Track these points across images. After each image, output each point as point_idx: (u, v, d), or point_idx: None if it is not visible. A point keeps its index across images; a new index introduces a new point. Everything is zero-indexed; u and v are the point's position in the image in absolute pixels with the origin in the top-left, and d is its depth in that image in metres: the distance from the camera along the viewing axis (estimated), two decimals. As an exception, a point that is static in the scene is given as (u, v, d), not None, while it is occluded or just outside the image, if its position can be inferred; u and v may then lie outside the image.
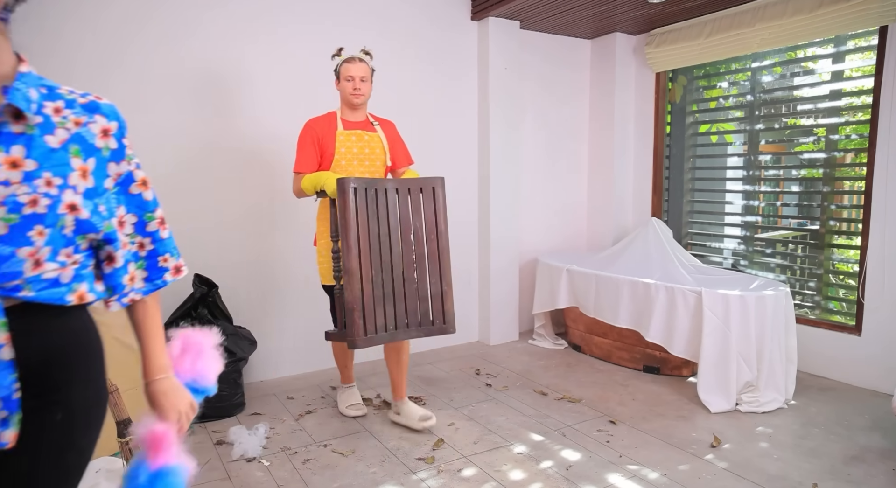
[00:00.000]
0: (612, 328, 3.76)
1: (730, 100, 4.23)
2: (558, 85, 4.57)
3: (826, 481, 2.35)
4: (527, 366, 3.78)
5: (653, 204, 4.58)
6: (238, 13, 3.28)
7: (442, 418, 2.97)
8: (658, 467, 2.46)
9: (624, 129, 4.62)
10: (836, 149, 3.60)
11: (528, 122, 4.44)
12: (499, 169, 4.16)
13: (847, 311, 3.57)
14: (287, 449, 2.64)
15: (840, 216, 3.64)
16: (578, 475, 2.40)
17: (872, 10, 3.10)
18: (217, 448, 2.66)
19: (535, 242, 4.59)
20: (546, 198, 4.63)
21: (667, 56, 4.22)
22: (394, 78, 3.81)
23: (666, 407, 3.09)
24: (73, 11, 2.88)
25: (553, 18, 4.08)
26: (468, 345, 4.27)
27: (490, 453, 2.60)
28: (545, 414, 3.02)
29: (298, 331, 3.60)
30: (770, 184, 4.01)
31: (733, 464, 2.48)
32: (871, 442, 2.68)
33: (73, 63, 2.89)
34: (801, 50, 3.76)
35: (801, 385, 3.31)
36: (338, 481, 2.37)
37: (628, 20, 4.15)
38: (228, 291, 3.26)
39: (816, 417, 2.96)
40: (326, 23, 3.54)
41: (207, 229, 3.28)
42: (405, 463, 2.50)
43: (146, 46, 3.06)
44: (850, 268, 3.56)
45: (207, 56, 3.22)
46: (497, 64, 4.08)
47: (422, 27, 3.89)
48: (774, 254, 3.98)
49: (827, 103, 3.62)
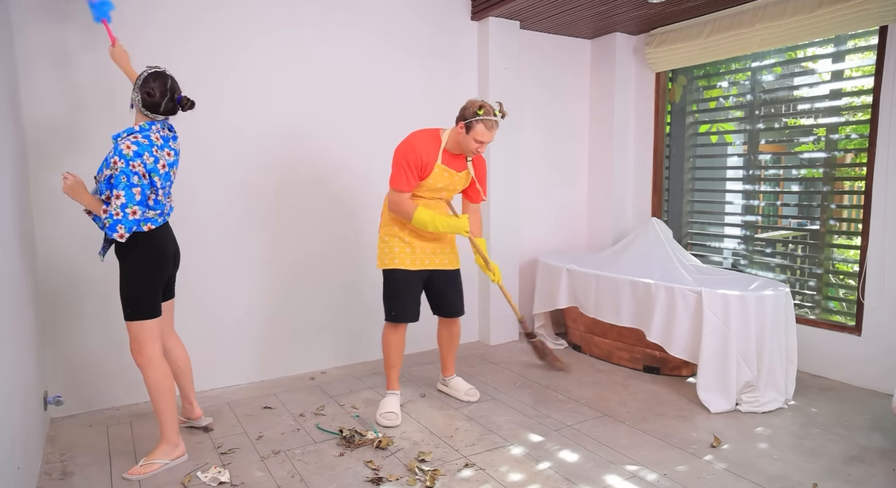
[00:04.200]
0: (612, 328, 3.76)
1: (730, 100, 4.23)
2: (558, 85, 4.57)
3: (826, 481, 2.35)
4: (527, 366, 3.78)
5: (653, 204, 4.58)
6: (236, 14, 3.28)
7: (442, 418, 2.97)
8: (658, 467, 2.46)
9: (624, 129, 4.62)
10: (836, 149, 3.60)
11: (527, 122, 4.44)
12: (499, 168, 4.16)
13: (847, 311, 3.57)
14: (287, 449, 2.64)
15: (840, 216, 3.64)
16: (578, 475, 2.40)
17: (872, 10, 3.10)
18: (217, 449, 2.66)
19: (535, 242, 4.59)
20: (546, 198, 4.63)
21: (667, 56, 4.22)
22: (394, 78, 3.81)
23: (666, 407, 3.09)
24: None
25: (553, 18, 4.08)
26: (468, 345, 4.27)
27: (490, 453, 2.60)
28: (545, 414, 3.02)
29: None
30: (770, 184, 4.01)
31: (733, 464, 2.48)
32: (871, 442, 2.68)
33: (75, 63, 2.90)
34: (801, 50, 3.76)
35: (801, 385, 3.31)
36: (337, 481, 2.37)
37: (628, 20, 4.15)
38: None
39: (816, 417, 2.96)
40: (326, 24, 3.54)
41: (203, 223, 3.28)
42: (405, 464, 2.50)
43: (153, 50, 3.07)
44: (850, 268, 3.56)
45: (204, 58, 3.21)
46: (497, 64, 4.08)
47: (422, 27, 3.89)
48: (774, 254, 3.98)
49: (827, 103, 3.62)
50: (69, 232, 2.96)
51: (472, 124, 2.74)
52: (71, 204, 2.95)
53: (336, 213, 3.69)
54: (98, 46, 2.92)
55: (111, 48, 2.63)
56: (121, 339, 3.12)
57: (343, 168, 3.68)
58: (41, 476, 2.41)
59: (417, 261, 2.92)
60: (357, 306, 3.82)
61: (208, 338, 3.34)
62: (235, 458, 2.56)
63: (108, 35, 2.69)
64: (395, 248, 2.90)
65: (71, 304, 3.00)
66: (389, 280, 2.94)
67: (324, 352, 3.73)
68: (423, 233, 2.91)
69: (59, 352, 2.98)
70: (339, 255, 3.73)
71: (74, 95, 2.92)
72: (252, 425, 2.90)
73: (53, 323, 2.96)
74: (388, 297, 2.94)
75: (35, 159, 2.87)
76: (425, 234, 2.93)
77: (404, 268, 2.90)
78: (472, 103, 2.77)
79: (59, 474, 2.44)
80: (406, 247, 2.90)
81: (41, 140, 2.88)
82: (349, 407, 3.13)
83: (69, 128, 2.93)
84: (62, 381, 2.99)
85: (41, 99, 2.85)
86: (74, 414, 3.04)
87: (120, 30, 2.97)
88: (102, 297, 3.06)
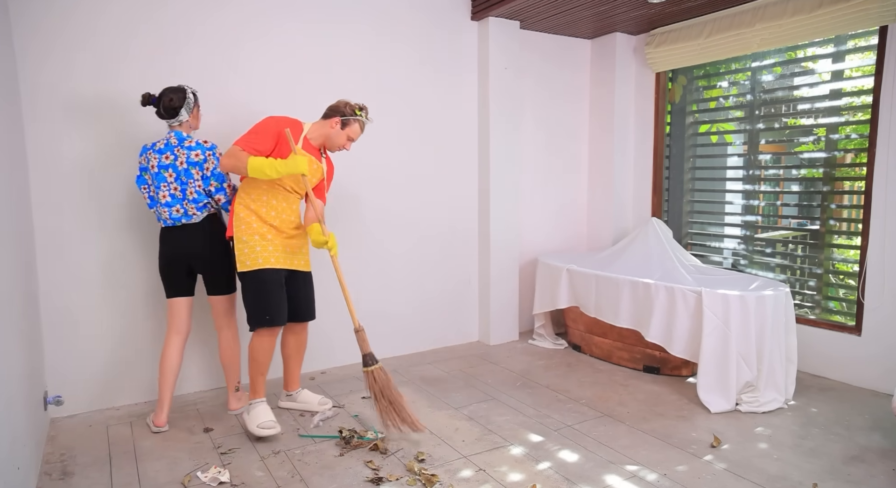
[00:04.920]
0: (612, 328, 3.76)
1: (730, 100, 4.23)
2: (558, 85, 4.57)
3: (826, 481, 2.35)
4: (527, 366, 3.78)
5: (653, 204, 4.58)
6: (235, 15, 3.28)
7: (442, 418, 2.98)
8: (658, 467, 2.46)
9: (624, 129, 4.62)
10: (836, 149, 3.60)
11: (528, 122, 4.44)
12: (499, 169, 4.16)
13: (847, 311, 3.57)
14: (287, 449, 2.64)
15: (840, 216, 3.64)
16: (578, 475, 2.40)
17: (872, 10, 3.10)
18: (217, 449, 2.66)
19: (535, 242, 4.59)
20: (546, 198, 4.63)
21: (667, 56, 4.22)
22: (393, 78, 3.81)
23: (666, 407, 3.09)
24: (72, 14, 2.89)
25: (553, 18, 4.08)
26: (468, 345, 4.28)
27: (490, 453, 2.60)
28: (545, 414, 3.02)
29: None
30: (770, 184, 4.01)
31: (733, 464, 2.48)
32: (871, 442, 2.68)
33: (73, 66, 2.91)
34: (801, 50, 3.76)
35: (801, 385, 3.31)
36: (337, 481, 2.37)
37: (628, 20, 4.15)
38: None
39: (816, 417, 2.96)
40: (326, 23, 3.54)
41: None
42: (405, 464, 2.50)
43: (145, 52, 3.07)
44: (850, 268, 3.55)
45: (203, 61, 3.21)
46: (497, 64, 4.08)
47: (422, 27, 3.89)
48: (774, 254, 3.98)
49: (827, 103, 3.62)
50: (69, 231, 2.96)
51: (349, 122, 2.84)
52: (70, 203, 2.96)
53: (336, 212, 3.69)
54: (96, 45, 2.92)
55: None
56: (121, 339, 3.12)
57: (341, 168, 3.68)
58: (41, 476, 2.41)
59: (282, 259, 2.79)
60: (357, 306, 3.81)
61: (208, 339, 3.34)
62: (235, 458, 2.56)
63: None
64: (256, 247, 2.72)
65: (71, 304, 3.00)
66: (258, 281, 2.72)
67: (324, 351, 3.73)
68: (284, 229, 2.80)
69: (60, 352, 2.98)
70: (340, 258, 3.72)
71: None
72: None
73: (54, 323, 2.96)
74: (259, 300, 2.72)
75: (36, 159, 2.87)
76: (286, 230, 2.81)
77: (271, 266, 2.73)
78: (347, 104, 2.87)
79: (59, 474, 2.44)
80: (269, 244, 2.75)
81: (42, 140, 2.88)
82: (348, 406, 3.13)
83: (69, 127, 2.93)
84: (62, 381, 2.99)
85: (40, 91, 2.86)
86: (74, 414, 3.04)
87: (117, 31, 2.98)
88: (103, 297, 3.06)
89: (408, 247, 4.00)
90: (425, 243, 4.07)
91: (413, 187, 3.98)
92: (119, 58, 3.00)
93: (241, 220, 2.74)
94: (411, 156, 3.96)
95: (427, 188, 4.04)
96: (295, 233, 2.87)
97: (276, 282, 2.77)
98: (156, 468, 2.48)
